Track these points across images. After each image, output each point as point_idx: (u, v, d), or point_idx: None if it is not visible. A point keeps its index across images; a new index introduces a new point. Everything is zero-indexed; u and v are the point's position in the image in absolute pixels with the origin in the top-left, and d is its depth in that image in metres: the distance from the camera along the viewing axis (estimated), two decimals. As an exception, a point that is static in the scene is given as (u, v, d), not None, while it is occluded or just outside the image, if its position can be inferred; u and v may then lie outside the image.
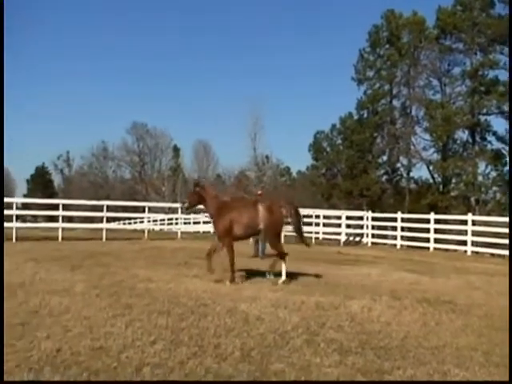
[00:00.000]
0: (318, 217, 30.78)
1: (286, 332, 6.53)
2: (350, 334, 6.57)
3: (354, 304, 8.52)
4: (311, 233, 30.30)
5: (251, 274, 11.86)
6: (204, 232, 34.63)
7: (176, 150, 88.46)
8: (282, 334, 6.45)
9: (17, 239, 21.40)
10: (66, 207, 25.46)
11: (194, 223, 38.18)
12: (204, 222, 35.90)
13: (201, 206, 11.82)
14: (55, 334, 6.08)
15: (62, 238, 22.61)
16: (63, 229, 23.76)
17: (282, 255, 11.31)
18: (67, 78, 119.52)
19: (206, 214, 12.49)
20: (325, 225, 30.91)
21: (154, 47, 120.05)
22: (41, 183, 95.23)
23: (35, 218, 49.16)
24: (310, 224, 30.85)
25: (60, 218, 24.02)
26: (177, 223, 37.22)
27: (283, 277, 10.94)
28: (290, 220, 11.66)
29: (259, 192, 19.53)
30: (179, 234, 28.22)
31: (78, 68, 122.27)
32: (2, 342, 4.97)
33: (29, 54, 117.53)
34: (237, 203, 11.81)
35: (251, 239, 17.61)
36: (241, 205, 11.62)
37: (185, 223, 38.25)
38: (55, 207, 25.44)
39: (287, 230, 29.84)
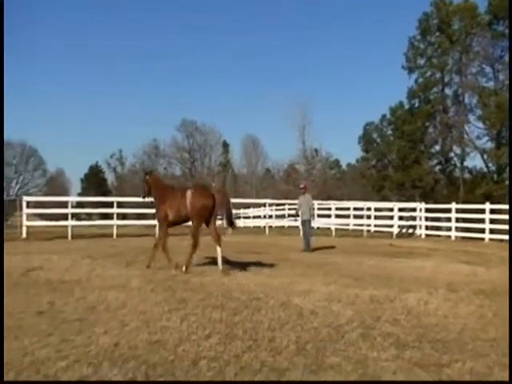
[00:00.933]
0: (369, 209, 30.49)
1: (341, 326, 6.50)
2: (406, 328, 6.49)
3: (410, 297, 8.42)
4: (362, 225, 30.06)
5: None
6: (254, 226, 34.75)
7: (225, 145, 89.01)
8: (337, 327, 6.42)
9: (72, 237, 21.88)
10: (119, 204, 25.86)
11: (244, 218, 38.39)
12: (254, 217, 36.08)
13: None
14: (112, 328, 6.19)
15: (117, 235, 23.02)
16: (117, 226, 24.17)
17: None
18: (120, 79, 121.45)
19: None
20: (376, 217, 30.59)
21: (200, 44, 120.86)
22: (94, 182, 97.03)
23: (89, 216, 50.19)
24: (360, 217, 30.62)
25: (114, 216, 24.42)
26: (227, 218, 37.38)
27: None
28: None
29: (302, 186, 19.48)
30: (230, 230, 28.35)
31: (128, 68, 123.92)
32: (2, 342, 5.04)
33: (85, 55, 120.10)
34: (173, 191, 12.13)
35: (301, 233, 17.66)
36: (176, 192, 11.91)
37: (235, 218, 38.42)
38: (109, 205, 25.87)
39: (338, 224, 29.79)
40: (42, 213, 31.97)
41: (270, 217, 32.25)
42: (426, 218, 28.41)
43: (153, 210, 25.42)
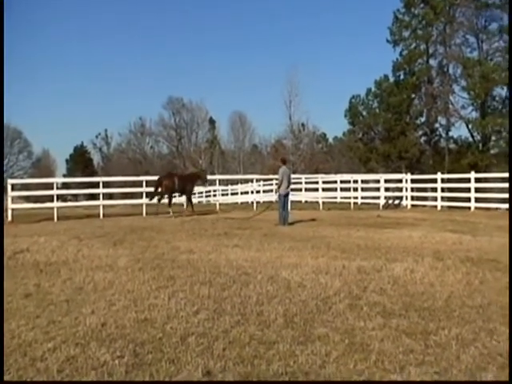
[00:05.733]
0: (355, 182, 30.58)
1: (329, 297, 6.53)
2: (393, 297, 6.54)
3: (397, 267, 8.48)
4: (350, 198, 30.17)
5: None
6: (242, 203, 34.75)
7: (212, 122, 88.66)
8: (325, 299, 6.45)
9: (58, 218, 21.79)
10: (105, 184, 25.75)
11: (232, 194, 38.37)
12: (242, 193, 36.09)
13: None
14: (100, 308, 6.18)
15: (103, 215, 22.94)
16: (104, 206, 24.09)
17: None
18: (104, 55, 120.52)
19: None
20: (363, 189, 30.71)
21: (186, 20, 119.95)
22: (80, 162, 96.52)
23: (76, 197, 49.97)
24: (348, 189, 30.71)
25: (100, 196, 24.34)
26: (215, 195, 37.49)
27: None
28: None
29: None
30: (218, 206, 28.37)
31: (112, 45, 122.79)
32: (2, 341, 5.01)
33: (61, 35, 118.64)
34: None
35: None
36: None
37: (223, 195, 38.47)
38: (95, 185, 25.76)
39: (325, 197, 29.84)
40: (28, 195, 31.82)
41: (258, 192, 32.23)
42: (412, 189, 28.55)
43: (140, 189, 25.67)
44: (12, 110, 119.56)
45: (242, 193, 36.48)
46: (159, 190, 22.70)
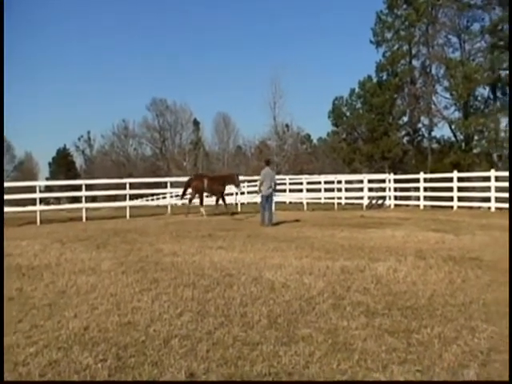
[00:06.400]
0: (339, 182, 30.65)
1: (312, 298, 6.55)
2: (376, 296, 6.57)
3: (380, 266, 8.52)
4: (334, 198, 30.23)
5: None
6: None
7: (196, 123, 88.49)
8: (308, 299, 6.47)
9: (41, 222, 21.63)
10: (88, 187, 25.58)
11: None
12: (226, 194, 35.99)
13: None
14: (83, 312, 6.14)
15: (86, 218, 22.79)
16: (87, 209, 23.94)
17: None
18: (83, 58, 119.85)
19: None
20: (347, 190, 30.79)
21: (174, 21, 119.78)
22: (63, 165, 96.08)
23: (58, 200, 49.66)
24: (332, 190, 30.76)
25: (83, 199, 24.19)
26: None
27: None
28: None
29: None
30: (203, 208, 28.29)
31: (96, 47, 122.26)
32: (2, 342, 4.99)
33: (47, 35, 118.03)
34: None
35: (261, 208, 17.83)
36: None
37: (207, 196, 38.34)
38: (78, 188, 25.58)
39: (310, 198, 29.81)
40: (10, 199, 31.56)
41: (242, 193, 32.21)
42: (395, 189, 28.67)
43: (123, 192, 25.56)
44: None
45: (226, 194, 36.42)
46: (188, 190, 24.41)
